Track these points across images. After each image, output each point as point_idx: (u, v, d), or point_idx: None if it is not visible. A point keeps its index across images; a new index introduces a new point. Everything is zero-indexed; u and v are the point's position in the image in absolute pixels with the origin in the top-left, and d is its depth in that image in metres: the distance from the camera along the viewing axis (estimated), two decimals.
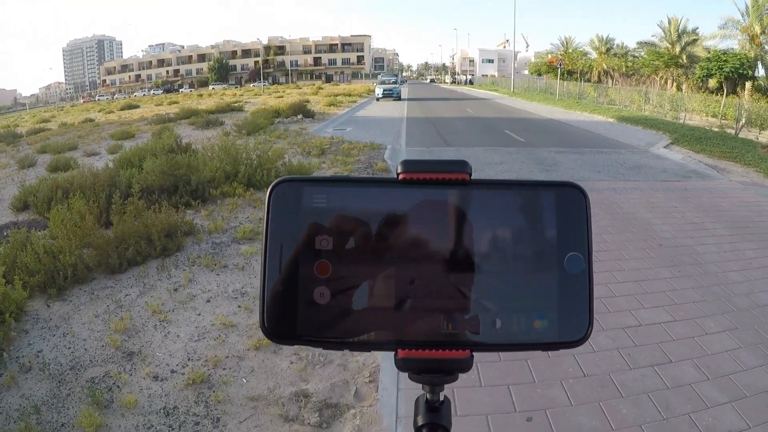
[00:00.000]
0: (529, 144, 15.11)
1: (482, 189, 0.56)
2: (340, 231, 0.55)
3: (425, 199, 0.56)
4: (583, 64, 66.35)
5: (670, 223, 7.54)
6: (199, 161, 8.94)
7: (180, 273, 5.52)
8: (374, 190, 0.56)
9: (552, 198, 0.57)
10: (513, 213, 0.56)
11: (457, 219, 0.55)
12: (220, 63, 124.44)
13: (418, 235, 0.55)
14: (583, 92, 40.75)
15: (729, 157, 14.51)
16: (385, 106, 32.90)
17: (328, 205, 0.55)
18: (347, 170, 10.14)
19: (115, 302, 4.92)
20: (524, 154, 12.98)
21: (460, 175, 0.56)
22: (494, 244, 0.55)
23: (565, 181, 0.58)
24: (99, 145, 18.41)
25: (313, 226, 0.55)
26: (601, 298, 4.81)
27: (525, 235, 0.55)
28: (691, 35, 52.51)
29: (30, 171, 14.13)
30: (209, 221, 7.11)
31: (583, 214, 0.57)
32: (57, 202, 7.22)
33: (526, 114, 27.95)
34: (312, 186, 0.56)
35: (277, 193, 0.56)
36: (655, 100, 31.08)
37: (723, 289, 5.25)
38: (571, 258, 0.55)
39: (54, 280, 5.11)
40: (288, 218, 0.55)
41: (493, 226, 0.56)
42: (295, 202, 0.56)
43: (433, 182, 0.56)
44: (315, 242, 0.54)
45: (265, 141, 14.55)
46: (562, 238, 0.55)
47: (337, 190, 0.56)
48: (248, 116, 20.96)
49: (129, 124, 25.40)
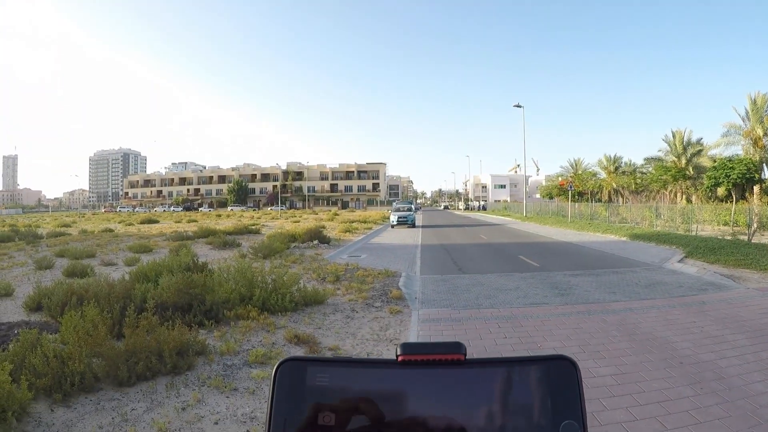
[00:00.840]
0: (543, 268, 15.15)
1: (477, 367, 0.61)
2: (341, 409, 0.59)
3: (423, 379, 0.60)
4: (593, 184, 67.23)
5: (690, 339, 7.42)
6: (215, 282, 8.99)
7: (189, 392, 5.43)
8: (375, 371, 0.61)
9: (544, 371, 0.61)
10: (507, 388, 0.60)
11: (454, 397, 0.59)
12: (240, 185, 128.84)
13: (417, 413, 0.59)
14: (595, 212, 41.12)
15: (744, 265, 14.45)
16: (399, 233, 33.50)
17: (331, 384, 0.60)
18: (362, 297, 10.16)
19: (121, 415, 4.82)
20: (539, 279, 12.99)
21: (455, 356, 0.61)
22: (490, 418, 0.58)
23: (555, 354, 0.62)
24: (117, 255, 18.78)
25: (316, 404, 0.59)
26: (622, 423, 4.69)
27: (520, 408, 0.59)
28: (696, 146, 53.38)
29: (47, 273, 14.41)
30: (222, 342, 7.07)
31: (575, 382, 0.61)
32: (71, 308, 7.29)
33: (539, 238, 28.21)
34: (315, 366, 0.61)
35: (282, 371, 0.61)
36: (665, 215, 31.27)
37: (748, 402, 5.10)
38: (566, 426, 0.59)
39: (61, 385, 5.06)
40: (292, 395, 0.60)
41: (489, 401, 0.59)
42: (299, 380, 0.60)
43: (431, 363, 0.61)
44: (318, 418, 0.59)
45: (281, 265, 14.71)
46: (556, 407, 0.59)
47: (339, 370, 0.61)
48: (265, 239, 21.33)
49: (147, 238, 26.14)
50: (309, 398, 0.59)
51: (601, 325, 8.23)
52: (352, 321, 8.50)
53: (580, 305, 9.82)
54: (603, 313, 9.09)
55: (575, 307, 9.62)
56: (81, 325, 5.84)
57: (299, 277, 10.41)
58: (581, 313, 9.09)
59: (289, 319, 8.52)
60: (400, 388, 0.59)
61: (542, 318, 8.82)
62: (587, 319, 8.63)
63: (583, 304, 9.87)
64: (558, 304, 9.99)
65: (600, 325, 8.28)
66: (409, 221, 39.34)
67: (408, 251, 20.84)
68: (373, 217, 54.39)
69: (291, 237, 22.71)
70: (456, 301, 10.33)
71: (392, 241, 26.12)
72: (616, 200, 58.93)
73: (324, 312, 9.14)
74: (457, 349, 0.62)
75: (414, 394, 0.59)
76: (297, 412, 0.59)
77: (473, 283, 12.54)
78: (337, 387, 0.60)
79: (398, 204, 44.37)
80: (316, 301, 9.60)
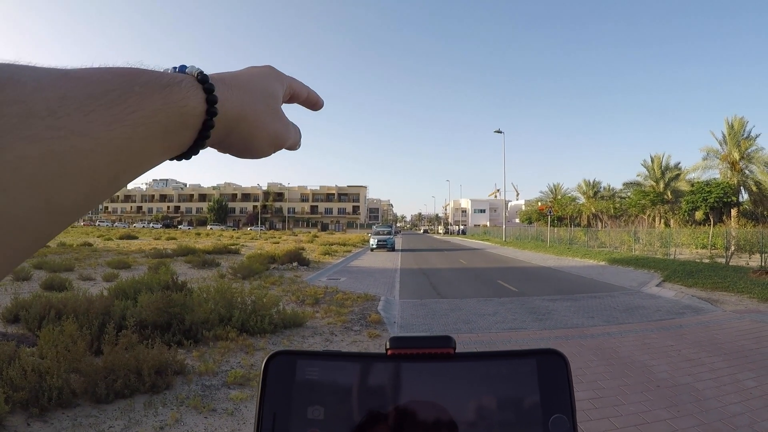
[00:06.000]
0: (522, 293, 15.18)
1: (466, 361, 0.61)
2: (331, 403, 0.58)
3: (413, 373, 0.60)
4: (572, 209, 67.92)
5: (667, 362, 7.46)
6: (194, 301, 8.90)
7: (167, 411, 5.34)
8: (364, 364, 0.61)
9: (534, 365, 0.61)
10: (497, 382, 0.60)
11: (443, 391, 0.59)
12: (220, 204, 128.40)
13: (406, 407, 0.58)
14: (574, 237, 41.47)
15: (722, 287, 14.64)
16: (379, 256, 33.48)
17: (320, 378, 0.60)
18: (341, 321, 10.08)
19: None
20: (517, 304, 13.01)
21: (445, 350, 0.61)
22: (480, 412, 0.58)
23: (546, 348, 0.62)
24: (95, 270, 18.62)
25: (305, 396, 0.59)
26: None
27: (509, 401, 0.59)
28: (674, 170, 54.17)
29: (24, 284, 14.26)
30: (200, 362, 6.97)
31: (565, 376, 0.61)
32: (49, 322, 7.25)
33: (518, 263, 28.35)
34: (305, 359, 0.61)
35: (271, 364, 0.60)
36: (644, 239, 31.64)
37: (724, 423, 5.14)
38: (555, 420, 0.58)
39: (38, 399, 4.99)
40: (282, 389, 0.60)
41: (479, 395, 0.59)
42: (288, 374, 0.60)
43: (420, 357, 0.61)
44: (307, 412, 0.58)
45: (260, 286, 14.57)
46: (545, 401, 0.59)
47: (329, 363, 0.61)
48: (244, 260, 21.21)
49: (126, 254, 25.89)
50: (298, 392, 0.59)
51: (579, 350, 8.24)
52: (330, 344, 8.41)
53: (558, 330, 9.83)
54: (581, 338, 9.11)
55: (553, 332, 9.63)
56: (59, 339, 5.79)
57: (279, 299, 10.34)
58: (559, 338, 9.10)
59: (268, 341, 8.43)
60: (389, 381, 0.59)
61: (520, 343, 8.80)
62: (565, 344, 8.64)
63: (561, 329, 9.89)
64: (536, 329, 9.99)
65: (578, 349, 8.28)
66: (389, 245, 39.58)
67: (387, 275, 20.80)
68: (353, 240, 54.37)
69: (270, 258, 22.63)
70: (435, 325, 10.30)
71: (372, 265, 26.07)
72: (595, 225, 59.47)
73: (303, 335, 9.06)
74: (447, 342, 0.61)
75: (403, 387, 0.59)
76: (286, 406, 0.59)
77: (452, 307, 12.52)
78: (327, 381, 0.60)
79: (378, 227, 44.66)
80: (295, 323, 9.53)
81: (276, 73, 0.64)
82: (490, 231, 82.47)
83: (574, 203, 70.60)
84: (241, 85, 0.56)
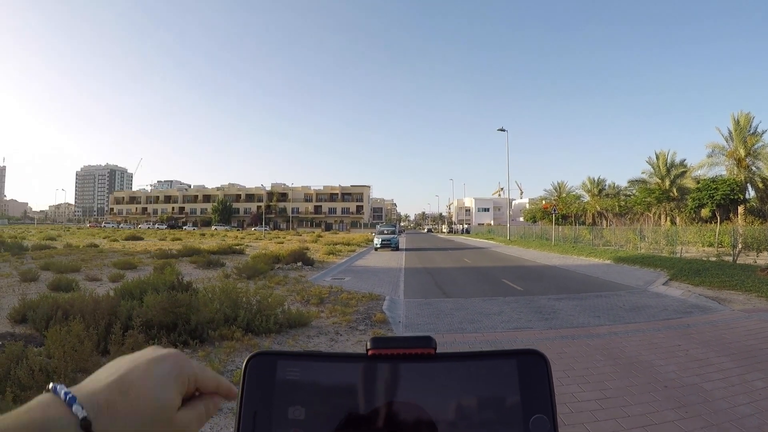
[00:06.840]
0: (528, 292, 15.14)
1: (447, 361, 0.61)
2: (311, 403, 0.59)
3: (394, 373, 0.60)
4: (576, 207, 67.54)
5: (675, 362, 7.39)
6: (200, 301, 8.92)
7: None
8: (345, 365, 0.61)
9: (514, 365, 0.61)
10: (477, 382, 0.60)
11: (424, 391, 0.59)
12: (224, 205, 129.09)
13: (386, 406, 0.59)
14: (579, 236, 41.28)
15: (729, 286, 14.54)
16: (383, 255, 33.49)
17: (301, 378, 0.60)
18: (346, 320, 10.07)
19: None
20: (522, 303, 12.96)
21: (425, 350, 0.61)
22: (460, 412, 0.58)
23: (526, 348, 0.62)
24: (101, 271, 18.69)
25: (286, 396, 0.59)
26: None
27: (490, 401, 0.59)
28: (680, 167, 53.70)
29: (32, 285, 14.35)
30: (206, 362, 6.97)
31: (545, 377, 0.60)
32: (56, 322, 7.26)
33: (523, 261, 28.29)
34: (285, 360, 0.61)
35: (252, 364, 0.61)
36: (650, 237, 31.46)
37: (733, 424, 5.07)
38: (536, 420, 0.58)
39: None
40: (262, 389, 0.60)
41: (459, 395, 0.59)
42: (269, 374, 0.60)
43: (401, 357, 0.61)
44: (288, 412, 0.58)
45: (265, 286, 14.62)
46: (526, 401, 0.59)
47: (310, 364, 0.61)
48: (249, 260, 21.32)
49: (132, 255, 26.03)
50: (279, 392, 0.59)
51: (585, 350, 8.18)
52: (336, 344, 8.40)
53: (564, 329, 9.77)
54: (587, 338, 9.05)
55: (559, 332, 9.58)
56: (67, 339, 5.79)
57: (284, 299, 10.32)
58: (565, 338, 9.05)
59: (273, 341, 8.43)
60: (370, 382, 0.59)
61: (526, 343, 8.75)
62: (571, 344, 8.59)
63: (567, 329, 9.83)
64: (542, 328, 9.94)
65: (584, 349, 8.23)
66: (393, 244, 39.66)
67: (392, 274, 20.77)
68: (357, 239, 54.41)
69: (275, 258, 22.67)
70: (440, 325, 10.25)
71: (376, 264, 26.04)
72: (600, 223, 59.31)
73: (308, 334, 9.03)
74: (428, 343, 0.61)
75: (384, 388, 0.59)
76: (267, 407, 0.59)
77: (457, 307, 12.48)
78: (308, 381, 0.60)
79: (382, 227, 44.78)
80: (300, 323, 9.52)
81: (177, 368, 0.61)
82: (494, 230, 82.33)
83: (578, 201, 70.27)
84: (127, 411, 0.54)
